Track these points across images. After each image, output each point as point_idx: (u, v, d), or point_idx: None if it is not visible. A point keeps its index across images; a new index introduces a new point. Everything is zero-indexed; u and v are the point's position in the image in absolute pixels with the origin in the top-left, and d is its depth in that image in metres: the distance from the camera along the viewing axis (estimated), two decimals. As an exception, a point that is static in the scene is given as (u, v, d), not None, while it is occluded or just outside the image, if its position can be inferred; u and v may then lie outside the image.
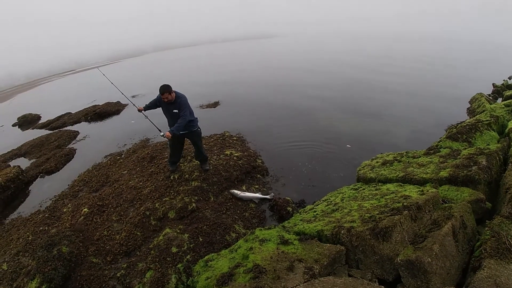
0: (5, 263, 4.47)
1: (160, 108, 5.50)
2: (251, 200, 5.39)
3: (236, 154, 6.78)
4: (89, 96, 15.64)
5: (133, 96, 14.44)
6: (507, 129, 6.38)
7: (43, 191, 7.09)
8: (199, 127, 5.65)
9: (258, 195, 5.47)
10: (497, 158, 4.71)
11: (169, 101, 5.16)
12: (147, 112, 5.70)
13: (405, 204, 3.60)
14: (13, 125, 13.85)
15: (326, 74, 16.32)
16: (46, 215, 5.79)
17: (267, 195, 5.52)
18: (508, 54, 19.59)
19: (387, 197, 4.03)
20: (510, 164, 4.59)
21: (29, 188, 7.46)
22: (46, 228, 5.31)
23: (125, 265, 4.20)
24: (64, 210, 5.84)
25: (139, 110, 5.64)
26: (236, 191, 5.49)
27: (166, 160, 6.55)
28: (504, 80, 12.64)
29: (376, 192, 4.33)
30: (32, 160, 8.98)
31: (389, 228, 3.21)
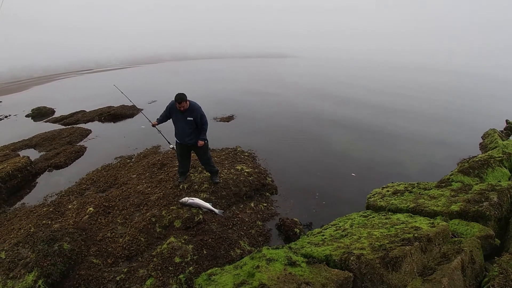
0: (4, 252, 4.39)
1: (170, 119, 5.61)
2: (198, 207, 5.23)
3: (247, 170, 6.76)
4: (104, 97, 15.88)
5: (149, 102, 14.69)
6: (519, 166, 6.36)
7: (50, 185, 7.11)
8: (206, 139, 5.66)
9: (208, 205, 5.29)
10: (508, 195, 4.68)
11: (184, 109, 5.27)
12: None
13: (415, 235, 3.55)
14: (27, 116, 14.05)
15: (343, 99, 16.47)
16: (51, 209, 5.77)
17: (217, 209, 5.32)
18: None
19: (397, 227, 3.97)
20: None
21: (36, 180, 7.49)
22: (49, 222, 5.27)
23: (125, 270, 4.14)
24: (69, 206, 5.82)
25: (153, 125, 5.72)
26: (184, 199, 5.34)
27: (176, 169, 6.54)
28: (518, 117, 12.59)
29: (386, 221, 4.28)
30: (42, 153, 9.08)
31: (399, 258, 3.16)
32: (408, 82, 24.92)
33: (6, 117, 14.15)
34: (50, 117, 13.57)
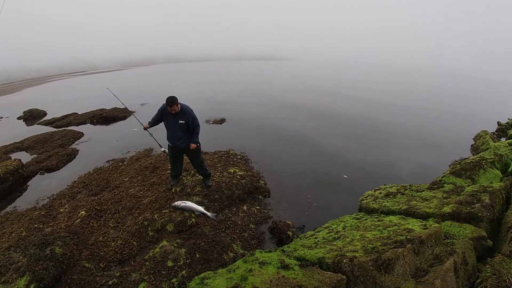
0: (-5, 256, 4.35)
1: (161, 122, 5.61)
2: (191, 210, 5.21)
3: (239, 173, 6.74)
4: (96, 99, 15.74)
5: (142, 104, 14.63)
6: (511, 168, 6.43)
7: (41, 188, 7.01)
8: (198, 142, 5.63)
9: (200, 208, 5.26)
10: (500, 197, 4.73)
11: (176, 112, 5.26)
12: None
13: (408, 237, 3.57)
14: (18, 118, 13.86)
15: (336, 102, 16.52)
16: (42, 212, 5.69)
17: (209, 213, 5.31)
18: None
19: (389, 229, 3.99)
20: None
21: (28, 184, 7.37)
22: (41, 226, 5.20)
23: (118, 274, 4.10)
24: (61, 210, 5.74)
25: (145, 128, 5.73)
26: (176, 203, 5.31)
27: (168, 172, 6.51)
28: (509, 119, 12.77)
29: (379, 223, 4.29)
30: (33, 156, 8.95)
31: (392, 260, 3.18)
32: (401, 84, 25.20)
33: (-3, 119, 13.97)
34: (42, 120, 13.41)
